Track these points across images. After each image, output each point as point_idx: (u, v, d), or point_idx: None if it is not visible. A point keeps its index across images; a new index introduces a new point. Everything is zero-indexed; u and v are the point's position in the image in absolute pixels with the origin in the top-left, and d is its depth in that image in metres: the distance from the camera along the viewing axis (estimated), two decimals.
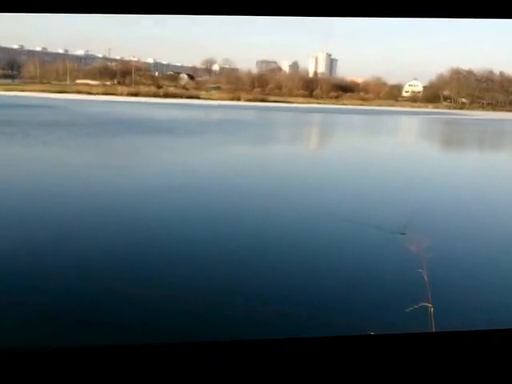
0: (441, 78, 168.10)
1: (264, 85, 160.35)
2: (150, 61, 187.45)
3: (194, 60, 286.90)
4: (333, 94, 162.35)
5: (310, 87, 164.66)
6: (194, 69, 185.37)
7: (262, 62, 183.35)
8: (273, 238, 15.91)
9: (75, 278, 11.76)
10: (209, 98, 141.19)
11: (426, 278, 6.30)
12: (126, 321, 9.72)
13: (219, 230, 16.37)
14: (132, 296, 10.78)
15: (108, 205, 19.86)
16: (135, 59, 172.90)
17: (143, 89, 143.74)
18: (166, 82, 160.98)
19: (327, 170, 31.33)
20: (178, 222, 17.39)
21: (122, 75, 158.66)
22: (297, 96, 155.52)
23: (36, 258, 13.07)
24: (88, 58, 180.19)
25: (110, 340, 8.81)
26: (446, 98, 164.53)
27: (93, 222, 16.93)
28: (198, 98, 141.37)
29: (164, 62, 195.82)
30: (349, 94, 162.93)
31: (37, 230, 15.92)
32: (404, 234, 15.09)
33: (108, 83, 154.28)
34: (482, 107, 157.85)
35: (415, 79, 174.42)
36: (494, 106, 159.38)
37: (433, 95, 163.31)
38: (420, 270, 6.46)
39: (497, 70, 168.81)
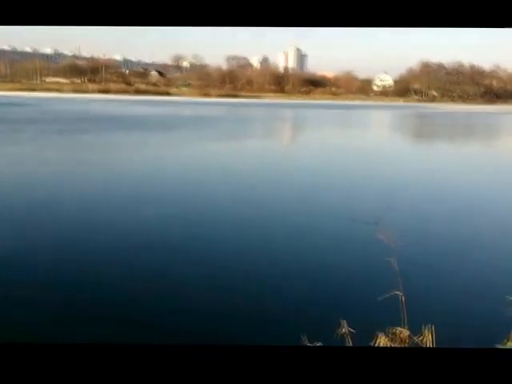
0: (411, 71, 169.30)
1: (235, 81, 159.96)
2: (120, 58, 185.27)
3: (163, 57, 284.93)
4: (304, 89, 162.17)
5: (280, 83, 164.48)
6: (164, 66, 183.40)
7: (232, 58, 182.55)
8: (249, 233, 15.76)
9: (53, 275, 11.59)
10: (180, 95, 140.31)
11: (396, 267, 6.33)
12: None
13: (198, 227, 16.09)
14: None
15: (86, 200, 19.54)
16: (104, 57, 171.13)
17: (113, 86, 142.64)
18: (136, 79, 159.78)
19: (301, 165, 31.22)
20: (156, 217, 17.11)
21: (91, 73, 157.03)
22: (268, 92, 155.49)
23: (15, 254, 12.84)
24: (57, 57, 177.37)
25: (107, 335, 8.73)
26: (416, 92, 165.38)
27: (70, 220, 16.60)
28: (169, 94, 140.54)
29: (133, 60, 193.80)
30: (320, 89, 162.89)
31: (15, 227, 15.58)
32: (377, 224, 15.10)
33: (78, 81, 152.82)
34: (453, 100, 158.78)
35: (385, 73, 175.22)
36: (464, 98, 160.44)
37: (403, 89, 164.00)
38: (390, 259, 6.45)
39: (467, 63, 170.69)
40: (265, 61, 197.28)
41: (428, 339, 5.77)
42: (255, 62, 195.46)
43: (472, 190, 25.06)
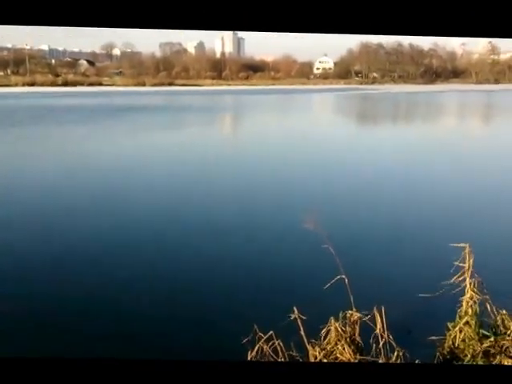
0: (351, 52, 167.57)
1: (170, 68, 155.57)
2: (45, 48, 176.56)
3: (92, 45, 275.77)
4: (242, 74, 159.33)
5: (218, 68, 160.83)
6: (94, 54, 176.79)
7: (166, 43, 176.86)
8: (195, 224, 15.22)
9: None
10: (112, 85, 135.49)
11: (332, 251, 6.27)
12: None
13: (145, 222, 15.50)
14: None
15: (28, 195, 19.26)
16: (28, 47, 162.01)
17: (40, 78, 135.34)
18: (64, 70, 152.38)
19: (245, 154, 30.31)
20: (96, 213, 16.54)
21: (15, 64, 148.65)
22: (205, 78, 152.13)
23: None
24: None
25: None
26: (357, 73, 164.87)
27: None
28: (101, 84, 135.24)
29: (60, 49, 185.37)
30: (259, 74, 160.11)
31: None
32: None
33: (0, 73, 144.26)
34: (393, 81, 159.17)
35: (325, 55, 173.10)
36: (405, 78, 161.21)
37: (344, 71, 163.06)
38: (326, 246, 6.37)
39: (406, 42, 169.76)
40: (200, 46, 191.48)
41: (378, 320, 5.90)
42: (190, 47, 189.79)
43: (418, 169, 24.76)
